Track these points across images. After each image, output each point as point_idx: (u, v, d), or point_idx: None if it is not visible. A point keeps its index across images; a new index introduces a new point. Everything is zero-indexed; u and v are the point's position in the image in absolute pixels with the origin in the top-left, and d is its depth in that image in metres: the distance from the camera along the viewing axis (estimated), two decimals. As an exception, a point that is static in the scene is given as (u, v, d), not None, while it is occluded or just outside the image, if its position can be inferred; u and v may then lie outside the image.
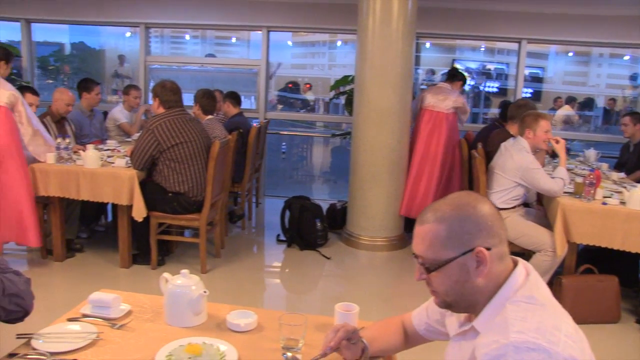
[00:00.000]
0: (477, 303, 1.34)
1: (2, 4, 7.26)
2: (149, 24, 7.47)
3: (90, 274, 4.54)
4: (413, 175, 5.62)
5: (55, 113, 5.21)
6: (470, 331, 1.37)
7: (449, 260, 1.30)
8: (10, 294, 1.65)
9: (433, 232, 1.32)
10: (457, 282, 1.32)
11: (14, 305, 1.68)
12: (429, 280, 1.38)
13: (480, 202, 1.33)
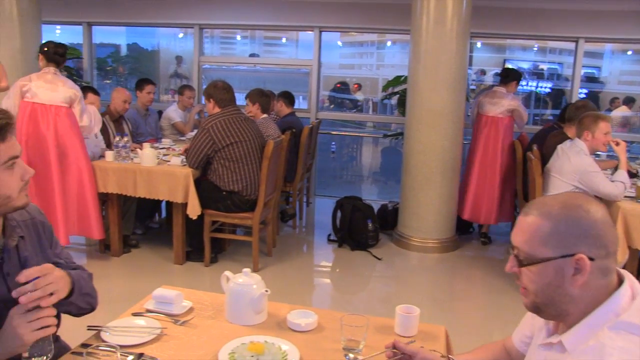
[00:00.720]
0: (568, 314, 1.26)
1: (66, 9, 7.50)
2: (203, 24, 7.60)
3: (145, 270, 4.64)
4: (474, 180, 5.64)
5: (113, 112, 5.36)
6: (557, 345, 1.29)
7: (545, 260, 1.23)
8: (84, 293, 1.69)
9: (535, 226, 1.24)
10: (549, 284, 1.24)
11: (85, 303, 1.73)
12: (519, 274, 1.30)
13: (593, 207, 1.24)
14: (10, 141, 1.49)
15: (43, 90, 4.33)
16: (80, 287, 1.65)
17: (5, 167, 1.48)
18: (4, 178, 1.49)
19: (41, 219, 1.76)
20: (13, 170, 1.51)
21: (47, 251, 1.75)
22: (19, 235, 1.64)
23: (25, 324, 1.40)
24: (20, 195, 1.54)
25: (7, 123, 1.48)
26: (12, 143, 1.50)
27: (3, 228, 1.59)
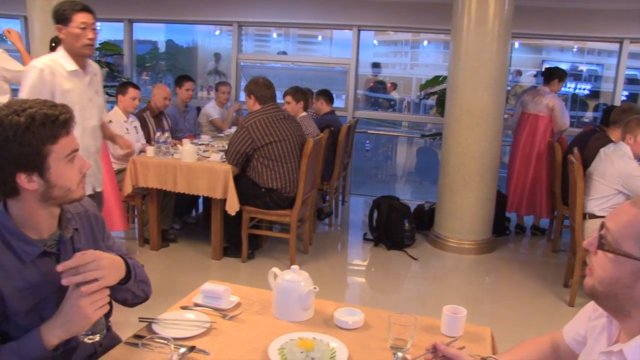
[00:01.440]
0: (630, 317, 1.24)
1: (109, 6, 7.63)
2: (242, 22, 7.65)
3: (183, 264, 4.71)
4: (515, 175, 5.91)
5: (153, 108, 5.44)
6: (617, 353, 1.25)
7: (628, 255, 1.19)
8: (140, 280, 1.74)
9: (637, 220, 1.20)
10: (618, 280, 1.21)
11: (141, 291, 1.77)
12: (594, 254, 1.26)
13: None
14: (71, 135, 1.54)
15: None
16: (136, 274, 1.70)
17: (67, 160, 1.53)
18: (66, 171, 1.53)
19: (94, 211, 1.81)
20: (73, 163, 1.55)
21: (99, 243, 1.79)
22: (74, 228, 1.68)
23: (90, 304, 1.45)
24: (78, 187, 1.59)
25: (70, 117, 1.53)
26: (73, 137, 1.55)
27: (59, 220, 1.64)
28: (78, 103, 3.13)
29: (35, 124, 1.45)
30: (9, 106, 1.48)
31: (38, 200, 1.53)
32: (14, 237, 1.52)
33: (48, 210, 1.57)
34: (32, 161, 1.47)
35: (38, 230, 1.57)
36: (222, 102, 6.52)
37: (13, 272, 1.50)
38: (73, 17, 3.06)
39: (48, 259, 1.58)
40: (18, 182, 1.48)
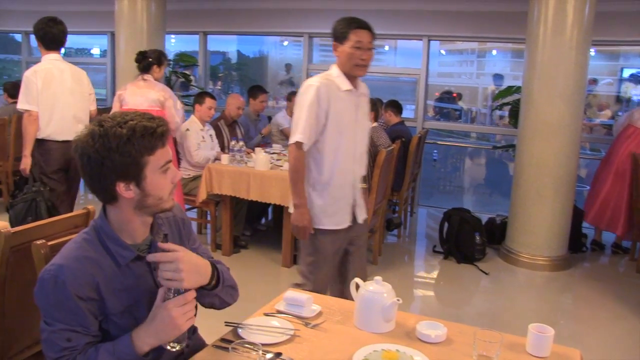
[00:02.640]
0: None
1: (185, 19, 7.90)
2: (313, 33, 7.74)
3: (254, 270, 4.79)
4: (606, 188, 5.61)
5: (227, 117, 5.58)
6: None
7: None
8: (229, 285, 1.79)
9: None
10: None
11: (229, 296, 1.82)
12: None
13: None
14: (166, 147, 1.62)
15: (133, 96, 4.70)
16: (224, 279, 1.75)
17: (162, 171, 1.60)
18: (160, 181, 1.60)
19: (181, 215, 1.88)
20: (167, 174, 1.62)
21: (186, 246, 1.85)
22: (164, 233, 1.75)
23: (182, 315, 1.52)
24: (169, 197, 1.66)
25: (167, 130, 1.60)
26: (168, 149, 1.63)
27: (151, 226, 1.71)
28: (349, 125, 2.94)
29: (135, 136, 1.53)
30: (113, 118, 1.56)
31: (133, 208, 1.61)
32: (111, 241, 1.61)
33: (141, 219, 1.65)
34: (130, 171, 1.55)
35: (132, 236, 1.65)
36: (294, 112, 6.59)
37: (110, 274, 1.58)
38: (349, 35, 2.85)
39: (140, 262, 1.66)
40: (117, 190, 1.56)
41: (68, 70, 4.32)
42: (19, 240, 2.12)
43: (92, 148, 1.53)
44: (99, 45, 10.38)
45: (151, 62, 4.75)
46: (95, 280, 1.55)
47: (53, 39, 4.28)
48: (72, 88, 4.30)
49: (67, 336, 1.51)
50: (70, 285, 1.50)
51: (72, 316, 1.52)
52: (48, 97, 4.18)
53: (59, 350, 1.51)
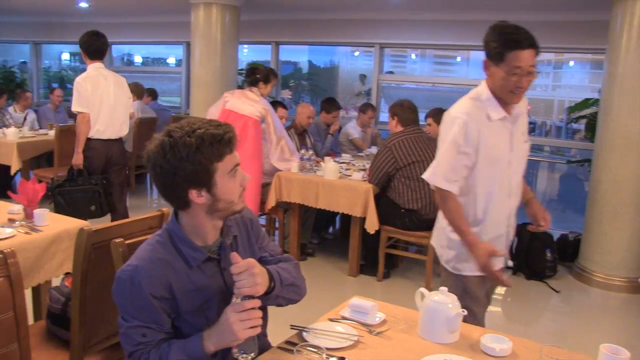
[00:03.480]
0: None
1: (257, 29, 8.11)
2: (384, 44, 7.77)
3: (320, 278, 4.84)
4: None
5: (298, 126, 5.69)
6: None
7: None
8: (288, 284, 1.81)
9: None
10: None
11: (293, 293, 1.86)
12: None
13: None
14: (234, 152, 1.67)
15: (239, 102, 4.89)
16: (281, 280, 1.77)
17: (230, 175, 1.66)
18: (229, 185, 1.66)
19: (249, 215, 1.93)
20: (235, 177, 1.68)
21: (254, 246, 1.91)
22: (233, 235, 1.82)
23: (240, 322, 1.55)
24: (239, 200, 1.71)
25: (233, 135, 1.66)
26: (235, 153, 1.68)
27: (221, 228, 1.78)
28: (503, 156, 2.47)
29: (204, 145, 1.59)
30: (181, 128, 1.63)
31: (205, 212, 1.68)
32: (182, 244, 1.69)
33: (212, 222, 1.72)
34: (201, 178, 1.62)
35: (204, 238, 1.72)
36: (365, 124, 6.65)
37: (182, 275, 1.67)
38: (506, 57, 2.30)
39: (211, 263, 1.73)
40: (189, 197, 1.64)
41: (111, 77, 4.83)
42: (99, 238, 2.25)
43: (164, 159, 1.60)
44: (174, 54, 10.78)
45: (258, 79, 4.95)
46: (168, 280, 1.63)
47: (96, 50, 4.81)
48: (115, 93, 4.79)
49: (143, 332, 1.61)
50: (145, 286, 1.60)
51: (147, 314, 1.61)
52: (95, 101, 4.66)
53: (135, 345, 1.61)
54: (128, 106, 4.98)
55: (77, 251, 2.21)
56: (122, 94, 4.89)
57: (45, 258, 2.88)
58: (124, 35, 9.75)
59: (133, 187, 7.57)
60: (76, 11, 8.69)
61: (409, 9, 7.22)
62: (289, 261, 1.95)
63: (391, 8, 7.09)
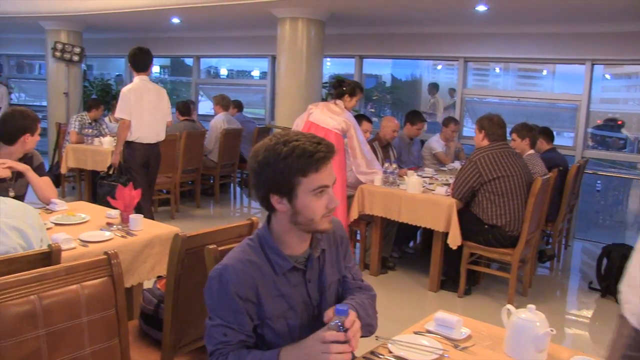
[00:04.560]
0: None
1: (342, 43, 8.21)
2: (468, 57, 7.68)
3: (400, 292, 4.82)
4: None
5: (382, 139, 5.72)
6: None
7: None
8: (365, 324, 1.77)
9: None
10: None
11: (365, 332, 1.84)
12: None
13: None
14: (324, 172, 1.67)
15: (321, 114, 4.98)
16: (362, 318, 1.73)
17: (314, 194, 1.68)
18: (311, 203, 1.68)
19: (341, 233, 1.96)
20: (320, 198, 1.69)
21: (340, 263, 1.94)
22: (322, 248, 1.86)
23: (320, 353, 1.54)
24: (322, 220, 1.72)
25: (326, 157, 1.67)
26: (327, 173, 1.68)
27: (311, 240, 1.82)
28: None
29: (292, 156, 1.63)
30: (283, 135, 1.69)
31: (288, 221, 1.72)
32: (271, 250, 1.74)
33: (298, 234, 1.75)
34: (282, 187, 1.66)
35: (291, 248, 1.76)
36: (449, 138, 6.60)
37: (269, 279, 1.72)
38: None
39: (297, 273, 1.77)
40: (271, 201, 1.70)
41: (153, 88, 5.41)
42: (193, 244, 2.36)
43: (256, 159, 1.69)
44: (258, 67, 11.05)
45: (344, 92, 5.03)
46: (255, 282, 1.68)
47: (141, 64, 5.33)
48: (155, 103, 5.36)
49: (224, 331, 1.66)
50: (233, 284, 1.65)
51: (230, 313, 1.66)
52: (137, 109, 5.23)
53: (216, 343, 1.67)
54: (166, 115, 5.54)
55: (172, 256, 2.32)
56: (162, 104, 5.43)
57: (139, 261, 3.04)
58: (211, 49, 10.13)
59: (217, 196, 7.83)
60: (168, 27, 9.11)
61: (495, 22, 7.11)
62: (368, 291, 1.96)
63: (476, 21, 7.01)
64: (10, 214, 2.14)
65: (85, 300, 1.91)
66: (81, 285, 1.92)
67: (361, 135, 5.07)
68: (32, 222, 2.21)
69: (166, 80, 12.74)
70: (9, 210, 2.16)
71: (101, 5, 7.63)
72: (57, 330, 1.84)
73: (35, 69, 13.71)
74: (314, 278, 1.82)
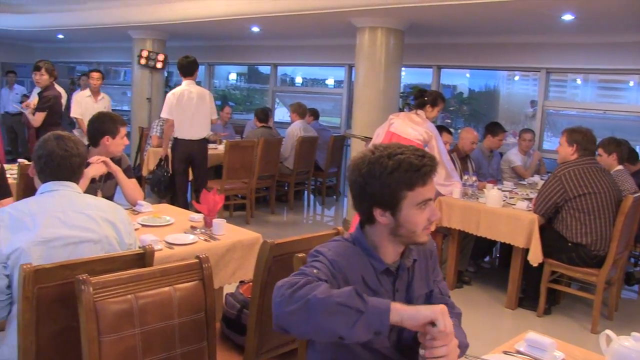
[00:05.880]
0: None
1: (420, 54, 8.13)
2: (551, 68, 7.44)
3: (475, 307, 4.70)
4: None
5: (460, 150, 5.61)
6: None
7: None
8: (461, 346, 1.69)
9: None
10: None
11: (461, 352, 1.79)
12: None
13: None
14: (429, 185, 1.68)
15: (403, 124, 4.93)
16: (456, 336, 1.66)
17: (419, 207, 1.68)
18: (415, 216, 1.68)
19: (430, 247, 1.95)
20: (424, 211, 1.69)
21: (429, 277, 1.92)
22: (414, 258, 1.84)
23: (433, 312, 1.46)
24: (423, 233, 1.73)
25: (431, 170, 1.67)
26: (431, 186, 1.69)
27: (403, 250, 1.81)
28: None
29: (399, 170, 1.64)
30: (386, 148, 1.70)
31: (388, 233, 1.73)
32: (365, 252, 1.76)
33: (394, 245, 1.76)
34: (387, 200, 1.67)
35: (383, 255, 1.76)
36: (524, 149, 6.41)
37: (366, 275, 1.73)
38: None
39: (387, 279, 1.77)
40: (374, 214, 1.71)
41: (195, 91, 6.07)
42: (280, 251, 2.37)
43: (359, 172, 1.70)
44: (332, 76, 11.09)
45: (425, 102, 5.00)
46: (356, 271, 1.69)
47: (185, 69, 6.08)
48: (197, 104, 6.01)
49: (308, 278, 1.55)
50: (335, 262, 1.66)
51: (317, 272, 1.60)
52: (180, 110, 5.94)
53: (290, 278, 1.56)
54: (207, 114, 6.16)
55: (259, 262, 2.34)
56: (204, 105, 6.08)
57: (221, 265, 3.09)
58: (289, 57, 10.26)
59: (291, 203, 7.90)
60: (248, 35, 9.29)
61: (580, 31, 6.82)
62: (454, 309, 1.95)
63: (561, 30, 6.77)
64: (102, 208, 2.28)
65: (178, 302, 1.96)
66: (174, 288, 1.97)
67: (442, 146, 4.99)
68: (122, 218, 2.33)
69: (239, 87, 12.98)
70: (101, 205, 2.30)
71: (187, 14, 7.87)
72: (152, 330, 1.89)
73: (120, 75, 14.30)
74: (402, 288, 1.82)
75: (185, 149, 6.07)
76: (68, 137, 2.32)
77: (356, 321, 1.43)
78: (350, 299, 1.45)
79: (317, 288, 1.47)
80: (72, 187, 2.27)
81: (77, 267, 1.96)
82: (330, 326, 1.44)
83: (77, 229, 2.15)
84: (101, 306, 1.79)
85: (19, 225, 2.06)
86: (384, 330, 1.46)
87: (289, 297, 1.48)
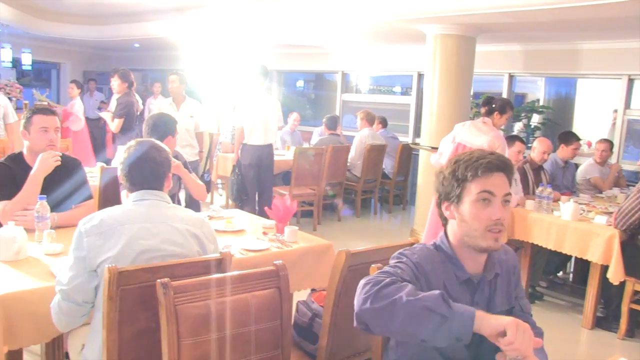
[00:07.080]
0: None
1: (491, 61, 7.96)
2: (634, 75, 7.09)
3: (549, 326, 4.44)
4: None
5: (533, 160, 5.43)
6: None
7: None
8: None
9: None
10: None
11: None
12: None
13: None
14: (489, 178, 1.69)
15: (469, 132, 4.87)
16: None
17: (478, 200, 1.68)
18: (477, 211, 1.68)
19: (514, 262, 1.92)
20: (486, 207, 1.68)
21: (511, 293, 1.87)
22: (496, 272, 1.79)
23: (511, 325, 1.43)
24: (486, 234, 1.68)
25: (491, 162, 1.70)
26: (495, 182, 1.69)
27: (486, 263, 1.79)
28: None
29: (461, 161, 1.72)
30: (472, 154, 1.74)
31: (458, 231, 1.73)
32: (448, 260, 1.75)
33: (469, 253, 1.73)
34: (450, 192, 1.73)
35: (465, 264, 1.75)
36: (600, 160, 6.14)
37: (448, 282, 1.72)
38: None
39: (467, 290, 1.75)
40: (442, 209, 1.76)
41: (265, 100, 6.24)
42: (356, 261, 2.36)
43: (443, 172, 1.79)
44: (399, 83, 10.98)
45: (494, 109, 4.92)
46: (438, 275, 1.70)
47: None
48: (265, 111, 6.16)
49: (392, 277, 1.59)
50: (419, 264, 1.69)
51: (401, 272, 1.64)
52: (249, 117, 6.08)
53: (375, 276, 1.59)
54: (275, 121, 6.36)
55: (334, 271, 2.33)
56: (272, 113, 6.26)
57: (292, 272, 3.03)
58: (355, 65, 10.25)
59: (358, 211, 7.87)
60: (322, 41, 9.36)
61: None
62: (535, 329, 1.87)
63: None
64: (189, 222, 2.25)
65: (255, 309, 1.98)
66: (251, 294, 1.99)
67: (507, 152, 4.85)
68: (207, 233, 2.30)
69: (305, 93, 13.05)
70: (189, 218, 2.27)
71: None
72: (228, 336, 1.91)
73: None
74: (481, 302, 1.78)
75: (254, 154, 6.18)
76: (159, 145, 2.32)
77: (439, 326, 1.45)
78: (436, 303, 1.46)
79: (403, 289, 1.50)
80: (162, 197, 2.25)
81: (158, 271, 1.99)
82: (413, 328, 1.47)
83: (166, 242, 2.13)
84: (181, 310, 1.82)
85: (110, 233, 2.05)
86: (465, 338, 1.46)
87: (375, 294, 1.51)
